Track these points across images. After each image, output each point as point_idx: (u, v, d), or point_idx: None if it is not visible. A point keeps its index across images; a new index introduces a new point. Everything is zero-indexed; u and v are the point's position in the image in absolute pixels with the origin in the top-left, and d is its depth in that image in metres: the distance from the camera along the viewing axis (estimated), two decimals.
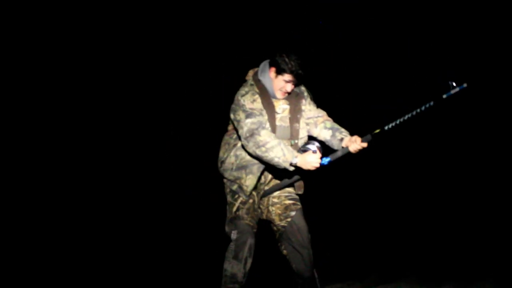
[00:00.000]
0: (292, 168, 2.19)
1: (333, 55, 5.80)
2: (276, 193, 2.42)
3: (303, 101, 2.44)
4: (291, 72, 2.29)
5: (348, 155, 2.24)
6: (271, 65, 2.35)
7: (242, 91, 2.33)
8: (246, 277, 2.25)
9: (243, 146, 2.31)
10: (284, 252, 2.37)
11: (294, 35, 5.52)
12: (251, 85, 2.37)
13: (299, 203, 2.43)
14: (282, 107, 2.38)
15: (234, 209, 2.33)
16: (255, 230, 2.31)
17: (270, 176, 2.42)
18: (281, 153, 2.15)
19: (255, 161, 2.31)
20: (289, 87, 2.33)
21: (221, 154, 2.44)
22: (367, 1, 5.59)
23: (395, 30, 5.57)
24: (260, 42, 5.31)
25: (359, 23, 5.69)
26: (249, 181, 2.32)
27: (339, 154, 2.24)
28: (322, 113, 2.46)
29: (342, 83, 5.88)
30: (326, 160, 2.21)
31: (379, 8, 5.56)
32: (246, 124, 2.22)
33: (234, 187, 2.37)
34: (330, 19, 5.74)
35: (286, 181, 2.36)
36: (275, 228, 2.41)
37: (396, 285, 3.08)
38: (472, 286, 2.87)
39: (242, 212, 2.30)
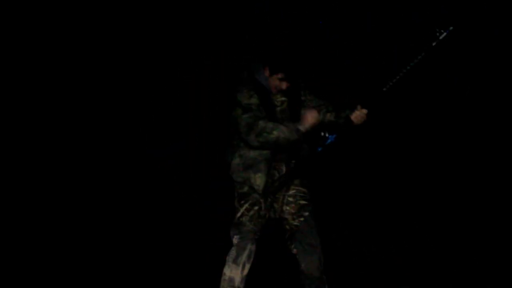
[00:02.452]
0: (301, 136, 2.22)
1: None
2: (292, 192, 2.44)
3: (301, 92, 2.51)
4: (284, 71, 2.36)
5: (351, 125, 2.29)
6: (265, 65, 2.41)
7: (238, 89, 2.38)
8: (244, 282, 2.29)
9: (246, 145, 2.34)
10: (294, 251, 2.39)
11: (284, 33, 5.48)
12: (247, 83, 2.40)
13: (311, 205, 2.46)
14: (280, 100, 2.43)
15: (238, 215, 2.36)
16: (257, 237, 2.34)
17: (282, 171, 2.42)
18: (284, 128, 2.20)
19: (261, 158, 2.33)
20: (284, 84, 2.39)
21: (228, 158, 2.47)
22: None
23: None
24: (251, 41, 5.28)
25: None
26: (259, 180, 2.32)
27: (344, 128, 2.30)
28: (323, 101, 2.52)
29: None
30: (333, 137, 2.27)
31: None
32: (244, 119, 2.26)
33: (245, 189, 2.38)
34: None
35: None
36: (287, 226, 2.43)
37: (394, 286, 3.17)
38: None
39: (245, 219, 2.33)
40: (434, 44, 2.14)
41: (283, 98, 2.44)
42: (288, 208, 2.42)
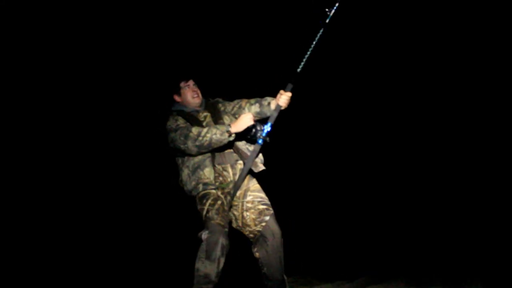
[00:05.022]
0: (232, 137, 2.38)
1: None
2: (249, 198, 2.50)
3: (219, 105, 2.69)
4: (182, 79, 2.61)
5: (281, 110, 2.47)
6: (171, 96, 2.66)
7: (166, 120, 2.58)
8: (219, 276, 2.29)
9: (187, 157, 2.50)
10: (257, 254, 2.43)
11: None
12: (171, 115, 2.61)
13: (271, 209, 2.51)
14: (203, 115, 2.62)
15: (204, 212, 2.40)
16: (226, 230, 2.35)
17: (229, 173, 2.52)
18: (215, 130, 2.39)
19: (205, 158, 2.48)
20: (193, 87, 2.63)
21: (179, 178, 2.59)
22: None
23: None
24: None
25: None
26: (208, 173, 2.47)
27: (274, 114, 2.46)
28: (241, 100, 2.67)
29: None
30: (268, 126, 2.43)
31: None
32: (177, 134, 2.44)
33: (200, 189, 2.46)
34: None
35: (247, 164, 2.45)
36: (251, 235, 2.47)
37: (385, 286, 3.14)
38: (460, 286, 2.94)
39: (212, 213, 2.36)
40: (327, 21, 2.46)
41: (206, 113, 2.63)
42: (248, 214, 2.48)
